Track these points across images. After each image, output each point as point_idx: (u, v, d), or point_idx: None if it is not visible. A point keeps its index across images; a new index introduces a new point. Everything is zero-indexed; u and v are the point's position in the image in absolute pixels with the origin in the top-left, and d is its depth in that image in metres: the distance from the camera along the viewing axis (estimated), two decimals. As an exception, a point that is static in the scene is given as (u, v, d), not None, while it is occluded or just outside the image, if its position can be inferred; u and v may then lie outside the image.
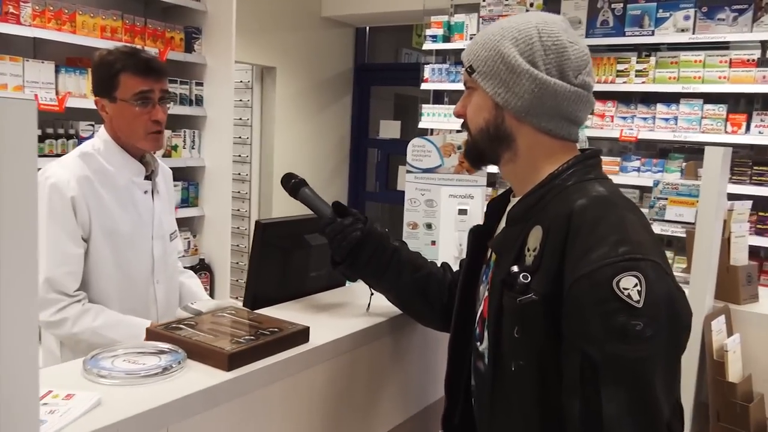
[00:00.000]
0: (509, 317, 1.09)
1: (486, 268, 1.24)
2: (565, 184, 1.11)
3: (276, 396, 1.23)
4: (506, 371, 1.10)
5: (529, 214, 1.12)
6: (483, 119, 1.16)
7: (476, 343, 1.22)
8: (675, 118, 4.08)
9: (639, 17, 4.19)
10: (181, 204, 3.74)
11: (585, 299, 0.98)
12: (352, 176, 6.92)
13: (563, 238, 1.03)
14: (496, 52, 1.13)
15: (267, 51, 5.75)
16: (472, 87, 1.18)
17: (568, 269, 1.00)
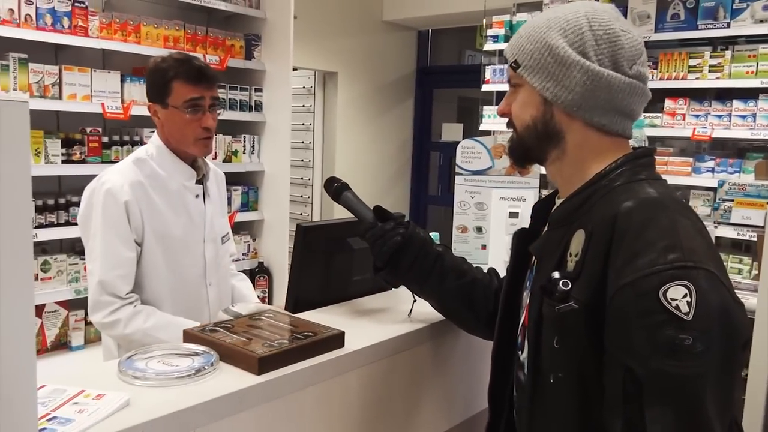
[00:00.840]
0: (549, 326, 1.04)
1: (530, 273, 1.19)
2: (612, 185, 1.04)
3: (307, 401, 1.22)
4: (545, 383, 1.05)
5: (573, 216, 1.06)
6: (530, 116, 1.11)
7: (518, 353, 1.18)
8: (753, 115, 3.83)
9: (713, 9, 3.96)
10: (241, 208, 3.82)
11: (628, 310, 0.91)
12: (414, 180, 6.89)
13: (607, 242, 0.96)
14: (543, 44, 1.07)
15: (328, 56, 5.81)
16: (518, 83, 1.12)
17: (611, 277, 0.94)
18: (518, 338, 1.19)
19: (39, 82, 2.94)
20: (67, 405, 0.98)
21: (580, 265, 0.99)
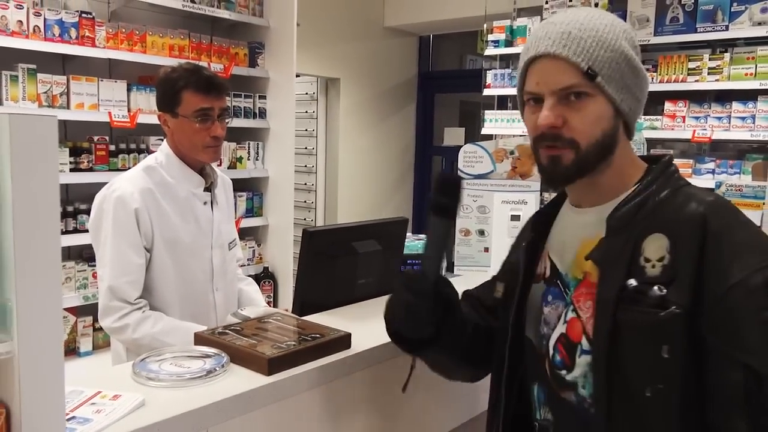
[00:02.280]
0: (642, 335, 0.96)
1: (548, 286, 1.12)
2: (661, 191, 1.03)
3: (316, 401, 1.25)
4: (634, 398, 0.97)
5: (631, 223, 1.02)
6: (601, 130, 1.02)
7: (557, 372, 1.08)
8: (752, 116, 3.86)
9: (711, 12, 4.00)
10: (246, 214, 3.86)
11: (741, 308, 0.92)
12: (417, 184, 6.93)
13: (699, 245, 0.95)
14: (619, 54, 1.02)
15: (330, 63, 5.86)
16: (587, 93, 1.01)
17: (713, 277, 0.93)
18: (553, 356, 1.09)
19: (47, 92, 2.99)
20: (85, 405, 1.02)
21: (670, 269, 0.96)
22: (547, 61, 1.02)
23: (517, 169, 2.11)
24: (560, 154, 1.03)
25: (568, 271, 1.09)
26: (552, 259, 1.12)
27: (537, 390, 1.13)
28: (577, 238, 1.09)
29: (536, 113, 1.04)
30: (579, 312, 1.05)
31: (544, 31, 1.04)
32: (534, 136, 1.06)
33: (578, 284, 1.07)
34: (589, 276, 1.05)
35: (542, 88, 1.02)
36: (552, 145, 1.03)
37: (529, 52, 1.04)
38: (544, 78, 1.02)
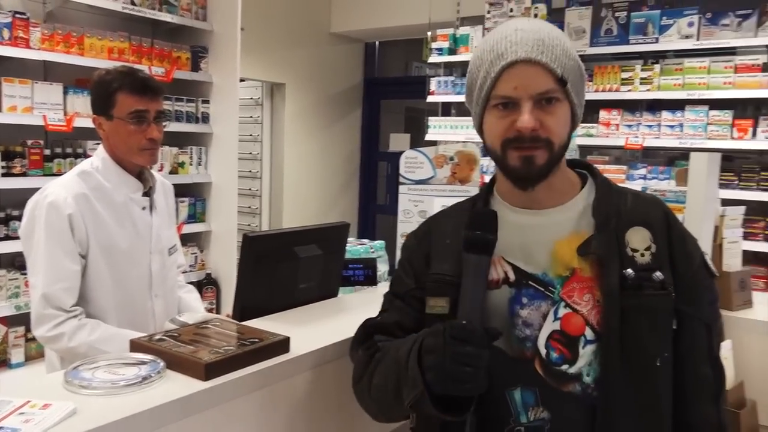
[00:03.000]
0: (652, 314, 1.08)
1: (518, 289, 1.12)
2: (611, 190, 1.17)
3: (255, 405, 1.26)
4: (646, 370, 1.07)
5: (612, 219, 1.12)
6: (566, 132, 1.11)
7: (555, 369, 1.09)
8: (681, 125, 4.06)
9: (643, 25, 4.19)
10: (188, 219, 3.81)
11: (701, 280, 1.14)
12: (363, 189, 6.96)
13: (666, 236, 1.12)
14: (576, 62, 1.11)
15: (276, 67, 5.83)
16: (557, 99, 1.07)
17: (681, 262, 1.11)
18: (550, 353, 1.09)
19: (-23, 94, 2.88)
20: (12, 415, 0.99)
21: (658, 256, 1.10)
22: (526, 67, 1.06)
23: (456, 174, 2.16)
24: (534, 154, 1.08)
25: (547, 270, 1.12)
26: (512, 263, 1.13)
27: (520, 395, 1.11)
28: (544, 239, 1.13)
29: (506, 117, 1.08)
30: (575, 306, 1.09)
31: (517, 37, 1.07)
32: (505, 138, 1.09)
33: (566, 281, 1.10)
34: (579, 271, 1.10)
35: (521, 92, 1.06)
36: (528, 146, 1.07)
37: (506, 57, 1.06)
38: (523, 83, 1.06)
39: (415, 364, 1.04)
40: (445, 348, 0.99)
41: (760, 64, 3.84)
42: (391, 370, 1.11)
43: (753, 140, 3.85)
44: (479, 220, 1.08)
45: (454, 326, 1.01)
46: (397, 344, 1.14)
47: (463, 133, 4.88)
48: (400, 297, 1.24)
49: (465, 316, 1.02)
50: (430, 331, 1.05)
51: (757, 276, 3.60)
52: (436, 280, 1.17)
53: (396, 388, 1.09)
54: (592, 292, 1.09)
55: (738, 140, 3.88)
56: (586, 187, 1.18)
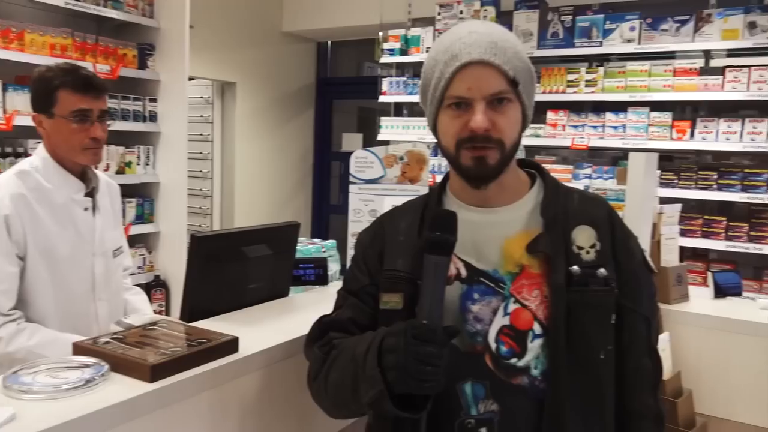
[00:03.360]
0: (596, 309, 1.13)
1: (469, 285, 1.15)
2: (559, 189, 1.21)
3: (203, 406, 1.25)
4: (589, 363, 1.12)
5: (559, 218, 1.16)
6: (517, 133, 1.15)
7: (505, 362, 1.12)
8: (624, 126, 4.20)
9: (587, 29, 4.31)
10: (135, 220, 3.72)
11: (641, 276, 1.20)
12: (316, 189, 6.94)
13: (610, 234, 1.17)
14: (527, 64, 1.14)
15: (226, 66, 5.76)
16: (508, 99, 1.11)
17: (623, 258, 1.17)
18: (499, 347, 1.13)
19: None
20: (-53, 422, 0.96)
21: (602, 254, 1.15)
22: (479, 68, 1.09)
23: (406, 174, 2.18)
24: (486, 154, 1.11)
25: (498, 267, 1.15)
26: (464, 260, 1.16)
27: (471, 388, 1.14)
28: (495, 237, 1.17)
29: (459, 118, 1.11)
30: (524, 302, 1.13)
31: (470, 39, 1.10)
32: (459, 138, 1.12)
33: (515, 277, 1.14)
34: (528, 268, 1.14)
35: (474, 93, 1.09)
36: (481, 146, 1.10)
37: (460, 58, 1.09)
38: (477, 83, 1.09)
39: (374, 362, 1.04)
40: (407, 348, 1.00)
41: (697, 67, 4.01)
42: (348, 368, 1.12)
43: (691, 141, 4.01)
44: (440, 221, 1.08)
45: (415, 326, 1.01)
46: (354, 342, 1.15)
47: (414, 133, 4.92)
48: (354, 294, 1.25)
49: (425, 315, 1.03)
50: (390, 331, 1.06)
51: (694, 271, 3.76)
52: (389, 276, 1.19)
53: (353, 386, 1.09)
54: (540, 288, 1.13)
55: (677, 141, 4.04)
56: (535, 187, 1.22)
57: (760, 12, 3.79)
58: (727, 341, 2.09)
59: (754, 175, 3.84)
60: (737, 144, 3.85)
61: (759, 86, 3.77)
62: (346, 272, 1.33)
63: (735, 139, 3.86)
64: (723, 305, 2.23)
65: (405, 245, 1.19)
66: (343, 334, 1.21)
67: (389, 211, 1.33)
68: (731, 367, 2.08)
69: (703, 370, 2.07)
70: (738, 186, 3.87)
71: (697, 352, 2.07)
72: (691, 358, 1.94)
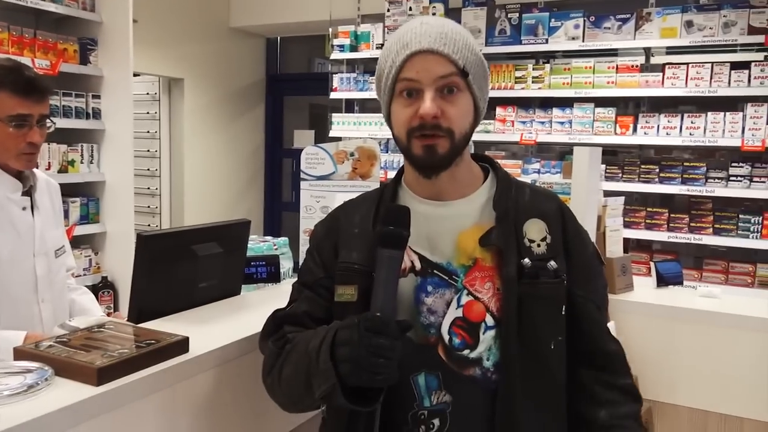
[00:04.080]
0: (546, 301, 1.16)
1: (423, 278, 1.16)
2: (511, 183, 1.23)
3: (152, 408, 1.23)
4: (541, 353, 1.15)
5: (511, 211, 1.18)
6: (468, 124, 1.15)
7: (458, 354, 1.14)
8: (570, 121, 4.30)
9: (533, 26, 4.39)
10: (80, 221, 3.61)
11: (594, 267, 1.25)
12: (268, 187, 6.87)
13: (561, 227, 1.20)
14: (478, 57, 1.16)
15: (173, 62, 5.64)
16: (458, 89, 1.12)
17: (575, 249, 1.20)
18: (452, 339, 1.14)
19: None
20: None
21: (552, 246, 1.17)
22: (429, 56, 1.10)
23: (357, 170, 2.18)
24: (436, 143, 1.11)
25: (451, 260, 1.16)
26: (418, 252, 1.17)
27: (424, 379, 1.15)
28: (449, 230, 1.18)
29: (410, 106, 1.12)
30: (477, 294, 1.15)
31: (422, 29, 1.11)
32: (410, 127, 1.12)
33: (468, 270, 1.15)
34: (481, 261, 1.15)
35: (422, 76, 1.10)
36: (430, 134, 1.11)
37: (410, 46, 1.10)
38: (426, 69, 1.10)
39: (327, 356, 1.04)
40: (360, 340, 1.00)
41: (638, 64, 4.14)
42: (302, 362, 1.11)
43: (634, 135, 4.14)
44: (393, 215, 1.09)
45: (368, 318, 1.02)
46: (308, 336, 1.14)
47: (366, 130, 4.93)
48: (309, 287, 1.25)
49: (378, 308, 1.03)
50: (343, 324, 1.06)
51: (638, 261, 3.89)
52: (344, 269, 1.19)
53: (307, 380, 1.09)
54: (492, 280, 1.15)
55: (621, 136, 4.16)
56: (488, 181, 1.24)
57: (697, 11, 3.94)
58: (669, 328, 2.17)
59: (692, 169, 4.00)
60: (677, 138, 3.99)
61: (696, 83, 3.92)
62: (301, 265, 1.32)
63: (675, 134, 4.00)
64: (665, 294, 2.31)
65: (359, 237, 1.20)
66: (297, 328, 1.20)
67: (344, 203, 1.33)
68: (673, 353, 2.16)
69: (648, 357, 2.15)
70: (678, 179, 4.02)
71: (642, 339, 2.14)
72: (636, 346, 2.01)
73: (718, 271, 4.00)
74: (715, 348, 2.11)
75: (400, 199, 1.24)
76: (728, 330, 2.10)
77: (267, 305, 1.54)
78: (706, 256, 4.11)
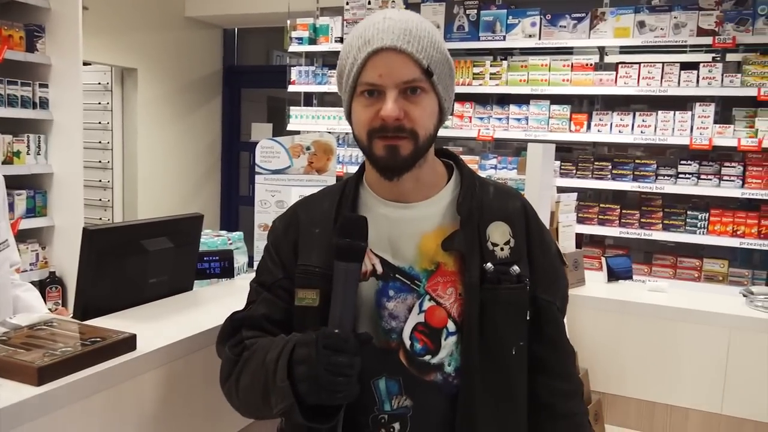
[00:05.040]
0: (510, 306, 1.13)
1: (385, 282, 1.14)
2: (475, 183, 1.19)
3: (96, 409, 1.19)
4: (502, 359, 1.13)
5: (475, 214, 1.14)
6: (433, 125, 1.11)
7: (419, 359, 1.13)
8: (526, 118, 4.36)
9: (491, 23, 4.43)
10: (26, 214, 3.49)
11: (557, 268, 1.23)
12: (225, 180, 6.77)
13: (524, 229, 1.17)
14: (444, 55, 1.10)
15: (126, 51, 5.49)
16: (423, 89, 1.08)
17: (538, 251, 1.18)
18: (413, 344, 1.12)
19: None
20: None
21: (516, 250, 1.15)
22: (392, 55, 1.05)
23: (313, 164, 2.16)
24: (398, 144, 1.07)
25: (413, 264, 1.13)
26: (380, 256, 1.14)
27: (385, 384, 1.13)
28: (411, 233, 1.15)
29: (372, 106, 1.07)
30: (439, 300, 1.12)
31: (384, 25, 1.06)
32: (371, 128, 1.08)
33: (431, 275, 1.13)
34: (443, 265, 1.13)
35: (385, 80, 1.05)
36: (393, 135, 1.07)
37: (372, 43, 1.05)
38: (388, 71, 1.05)
39: (284, 374, 1.01)
40: (318, 358, 0.97)
41: (592, 63, 4.22)
42: (259, 374, 1.07)
43: (588, 133, 4.22)
44: (350, 226, 1.05)
45: (326, 335, 0.99)
46: (265, 346, 1.10)
47: (324, 124, 4.89)
48: (268, 288, 1.20)
49: (336, 324, 1.00)
50: (301, 340, 1.02)
51: (591, 256, 3.97)
52: (304, 272, 1.15)
53: (264, 394, 1.06)
54: (454, 285, 1.12)
55: (575, 133, 4.24)
56: (452, 181, 1.20)
57: (649, 12, 4.04)
58: (619, 322, 2.22)
59: (643, 166, 4.10)
60: (629, 136, 4.09)
61: (648, 82, 4.02)
62: (259, 262, 1.28)
63: (627, 132, 4.10)
64: (615, 288, 2.37)
65: (320, 238, 1.16)
66: (256, 332, 1.17)
67: (305, 198, 1.28)
68: (623, 346, 2.22)
69: (598, 350, 2.20)
70: (630, 176, 4.11)
71: (592, 333, 2.19)
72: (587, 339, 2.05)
73: (666, 266, 4.12)
74: (663, 341, 2.18)
75: (361, 199, 1.20)
76: (675, 323, 2.16)
77: (220, 301, 1.52)
78: (655, 251, 4.23)
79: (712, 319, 2.12)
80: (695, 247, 4.12)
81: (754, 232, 3.85)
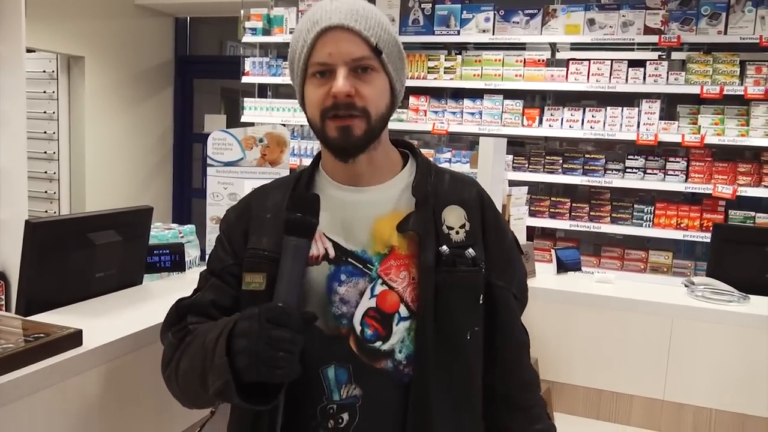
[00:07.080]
0: (464, 290, 1.13)
1: (337, 266, 1.12)
2: (431, 169, 1.20)
3: (40, 406, 1.16)
4: (456, 345, 1.12)
5: (430, 198, 1.15)
6: (384, 104, 1.11)
7: (369, 346, 1.10)
8: (480, 112, 4.41)
9: (446, 17, 4.46)
10: (-35, 207, 3.35)
11: (514, 255, 1.24)
12: (177, 173, 6.64)
13: (480, 214, 1.18)
14: (393, 38, 1.12)
15: (72, 39, 5.32)
16: (373, 68, 1.08)
17: (494, 237, 1.18)
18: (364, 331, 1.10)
19: None
20: None
21: (471, 234, 1.15)
22: (340, 33, 1.06)
23: (266, 156, 2.14)
24: (351, 124, 1.07)
25: (366, 248, 1.12)
26: (332, 239, 1.13)
27: (334, 372, 1.11)
28: (365, 216, 1.14)
29: (323, 86, 1.07)
30: (391, 284, 1.11)
31: (332, 6, 1.07)
32: (323, 108, 1.08)
33: (384, 258, 1.12)
34: (397, 249, 1.12)
35: (335, 58, 1.06)
36: (346, 114, 1.06)
37: (320, 23, 1.06)
38: (338, 48, 1.06)
39: (223, 350, 0.97)
40: (260, 331, 0.95)
41: (544, 59, 4.29)
42: (198, 356, 1.04)
43: (540, 128, 4.30)
44: (302, 203, 1.06)
45: (269, 309, 0.96)
46: (208, 327, 1.08)
47: (279, 116, 4.85)
48: (217, 274, 1.18)
49: (282, 298, 0.98)
50: (243, 315, 1.00)
51: (542, 249, 4.06)
52: (253, 255, 1.13)
53: (202, 376, 1.02)
54: (408, 269, 1.11)
55: (527, 128, 4.31)
56: (407, 167, 1.21)
57: (598, 10, 4.13)
58: (567, 312, 2.28)
59: (593, 160, 4.20)
60: (579, 131, 4.18)
61: (597, 78, 4.12)
62: (210, 253, 1.26)
63: (577, 127, 4.19)
64: (564, 280, 2.43)
65: (271, 223, 1.15)
66: (202, 318, 1.14)
67: (258, 188, 1.27)
68: (571, 336, 2.28)
69: (547, 340, 2.25)
70: (580, 170, 4.22)
71: (542, 323, 2.24)
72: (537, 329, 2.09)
73: (614, 258, 4.24)
74: (609, 330, 2.24)
75: (316, 184, 1.20)
76: (621, 313, 2.23)
77: (170, 295, 1.49)
78: (604, 243, 4.35)
79: (655, 309, 2.19)
80: (641, 239, 4.25)
81: (696, 225, 3.99)
